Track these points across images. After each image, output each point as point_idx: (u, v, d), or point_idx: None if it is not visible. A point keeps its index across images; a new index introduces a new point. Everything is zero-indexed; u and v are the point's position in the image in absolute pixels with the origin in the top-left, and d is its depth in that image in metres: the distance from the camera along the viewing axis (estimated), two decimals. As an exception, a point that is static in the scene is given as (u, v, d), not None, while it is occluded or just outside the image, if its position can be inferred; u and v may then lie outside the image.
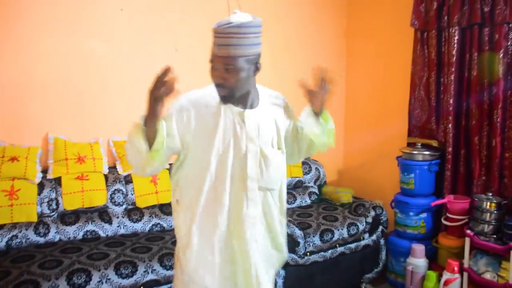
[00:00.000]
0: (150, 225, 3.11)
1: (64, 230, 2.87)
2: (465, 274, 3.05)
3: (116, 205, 3.07)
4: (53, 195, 2.91)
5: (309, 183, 3.94)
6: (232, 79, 1.59)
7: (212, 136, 1.64)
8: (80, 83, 3.19)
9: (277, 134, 1.78)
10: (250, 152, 1.67)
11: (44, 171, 3.01)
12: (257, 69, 1.66)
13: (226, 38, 1.54)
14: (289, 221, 3.14)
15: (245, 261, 1.70)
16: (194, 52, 3.57)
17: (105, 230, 2.98)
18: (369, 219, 3.45)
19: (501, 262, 2.90)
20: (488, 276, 2.93)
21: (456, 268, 3.08)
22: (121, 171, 3.20)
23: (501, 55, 3.08)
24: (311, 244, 3.12)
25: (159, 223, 3.13)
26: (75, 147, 3.10)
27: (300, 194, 3.84)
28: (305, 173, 3.90)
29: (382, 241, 3.56)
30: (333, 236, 3.21)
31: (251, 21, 1.56)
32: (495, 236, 2.96)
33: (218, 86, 1.63)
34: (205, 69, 3.74)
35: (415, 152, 3.46)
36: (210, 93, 1.69)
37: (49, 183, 2.93)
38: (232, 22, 1.53)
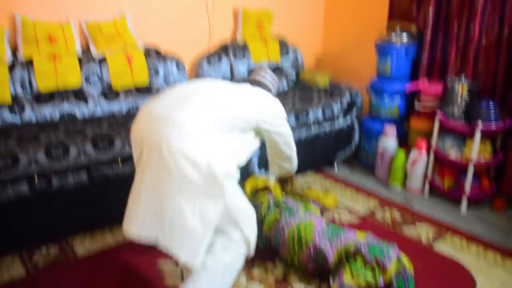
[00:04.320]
0: (127, 106, 3.13)
1: (40, 111, 2.88)
2: (432, 153, 3.21)
3: (91, 86, 3.05)
4: (26, 76, 2.86)
5: (286, 68, 3.93)
6: None
7: None
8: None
9: None
10: None
11: (14, 51, 2.93)
12: None
13: None
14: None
15: None
16: None
17: (81, 111, 2.99)
18: (345, 102, 3.51)
19: (466, 141, 3.04)
20: (452, 154, 3.08)
21: (424, 147, 3.23)
22: (95, 52, 3.13)
23: None
24: (286, 124, 3.19)
25: (136, 105, 3.15)
26: (45, 28, 2.99)
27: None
28: (283, 58, 3.88)
29: (356, 124, 3.66)
30: (308, 117, 3.28)
31: None
32: (463, 117, 3.06)
33: None
34: None
35: (393, 36, 3.43)
36: None
37: (20, 64, 2.87)
38: None
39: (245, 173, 3.11)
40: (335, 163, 3.71)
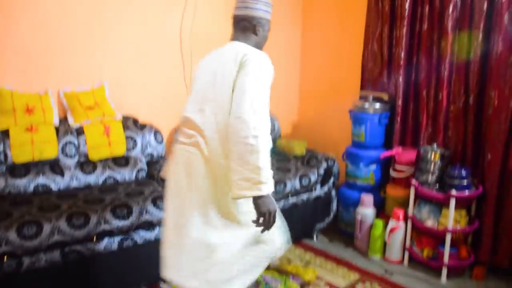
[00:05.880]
0: (104, 177, 3.09)
1: (14, 183, 2.81)
2: (409, 222, 3.23)
3: (68, 158, 3.02)
4: (1, 148, 2.82)
5: (264, 136, 3.97)
6: None
7: None
8: (26, 31, 3.04)
9: None
10: None
11: (-10, 122, 2.91)
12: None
13: None
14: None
15: None
16: (147, 0, 3.47)
17: (57, 183, 2.93)
18: (321, 171, 3.54)
19: (442, 209, 3.08)
20: (429, 223, 3.11)
21: (401, 216, 3.25)
22: (72, 122, 3.13)
23: (450, 10, 3.13)
24: (263, 195, 3.18)
25: (112, 176, 3.11)
26: (23, 98, 2.99)
27: (254, 147, 3.87)
28: (260, 126, 3.93)
29: (333, 192, 3.68)
30: (286, 187, 3.29)
31: None
32: (437, 185, 3.12)
33: None
34: (158, 19, 3.63)
35: (366, 105, 3.53)
36: None
37: (-4, 135, 2.84)
38: None
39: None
40: (314, 234, 3.69)
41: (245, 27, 2.02)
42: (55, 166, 2.97)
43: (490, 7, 2.97)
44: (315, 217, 3.61)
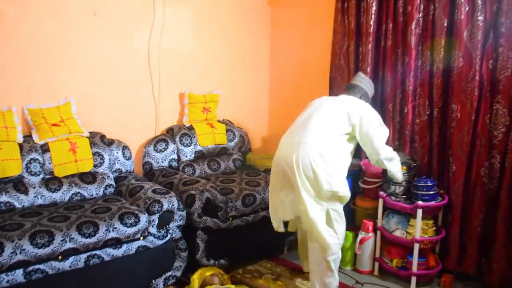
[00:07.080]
0: (70, 194, 3.02)
1: (-25, 201, 2.73)
2: (378, 233, 3.27)
3: (32, 175, 2.95)
4: (-39, 165, 2.74)
5: (233, 150, 3.98)
6: None
7: None
8: (-12, 46, 2.98)
9: None
10: None
11: (-50, 140, 2.82)
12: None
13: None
14: (211, 186, 3.17)
15: None
16: (114, 16, 3.45)
17: (20, 201, 2.85)
18: (291, 184, 3.55)
19: (409, 220, 3.13)
20: (398, 233, 3.15)
21: (370, 228, 3.29)
22: (37, 139, 3.07)
23: (413, 26, 3.23)
24: (233, 209, 3.19)
25: (79, 192, 3.05)
26: (-15, 116, 2.92)
27: (224, 161, 3.88)
28: (230, 140, 3.94)
29: (303, 205, 3.68)
30: (255, 201, 3.29)
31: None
32: (404, 196, 3.18)
33: None
34: (126, 35, 3.63)
35: (334, 118, 3.57)
36: None
37: (-44, 154, 2.75)
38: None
39: (193, 263, 3.03)
40: (285, 247, 3.68)
41: (354, 92, 3.08)
42: (19, 184, 2.90)
43: (450, 24, 3.07)
44: (285, 229, 3.60)
